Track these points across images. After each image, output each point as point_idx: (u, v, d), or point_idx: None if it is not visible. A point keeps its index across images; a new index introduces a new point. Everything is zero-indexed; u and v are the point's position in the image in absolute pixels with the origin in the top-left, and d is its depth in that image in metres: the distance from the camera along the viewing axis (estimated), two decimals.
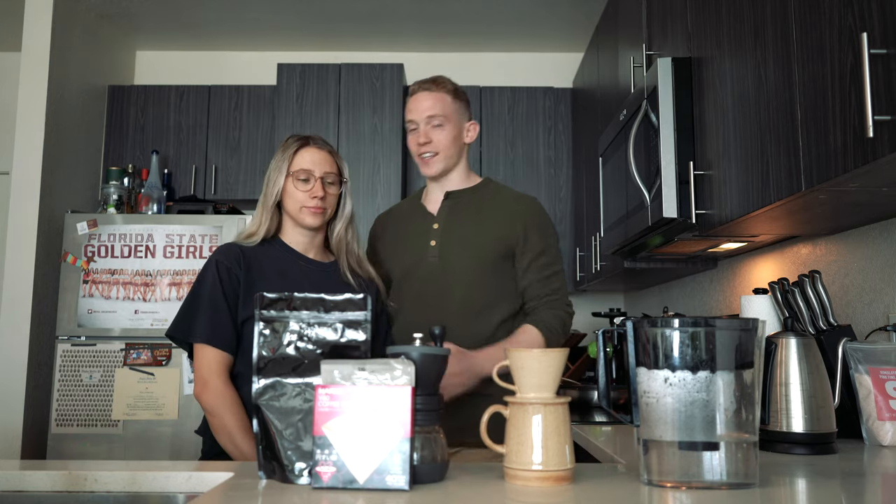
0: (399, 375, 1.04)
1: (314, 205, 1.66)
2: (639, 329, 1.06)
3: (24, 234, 3.22)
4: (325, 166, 1.69)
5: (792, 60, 1.39)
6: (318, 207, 1.67)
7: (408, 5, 3.70)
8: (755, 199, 1.55)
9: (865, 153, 1.13)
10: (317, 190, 1.66)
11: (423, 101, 1.84)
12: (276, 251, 1.70)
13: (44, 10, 3.36)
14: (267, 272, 1.65)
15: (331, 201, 1.70)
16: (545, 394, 1.06)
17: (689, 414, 0.99)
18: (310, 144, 1.71)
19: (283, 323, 1.14)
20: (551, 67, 4.21)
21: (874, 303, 1.74)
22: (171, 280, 3.17)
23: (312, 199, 1.66)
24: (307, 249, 1.73)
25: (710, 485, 0.99)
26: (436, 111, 1.83)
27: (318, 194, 1.66)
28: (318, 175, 1.67)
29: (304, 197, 1.66)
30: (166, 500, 1.16)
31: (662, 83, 1.95)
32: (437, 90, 1.85)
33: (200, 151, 3.84)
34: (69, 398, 3.11)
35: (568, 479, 1.05)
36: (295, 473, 1.08)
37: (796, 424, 1.35)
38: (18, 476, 1.17)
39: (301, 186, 1.66)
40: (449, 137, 1.83)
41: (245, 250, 1.67)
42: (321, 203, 1.67)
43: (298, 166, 1.67)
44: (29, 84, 3.31)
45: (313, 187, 1.66)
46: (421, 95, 1.85)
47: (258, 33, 4.02)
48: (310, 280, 1.67)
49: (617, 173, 2.47)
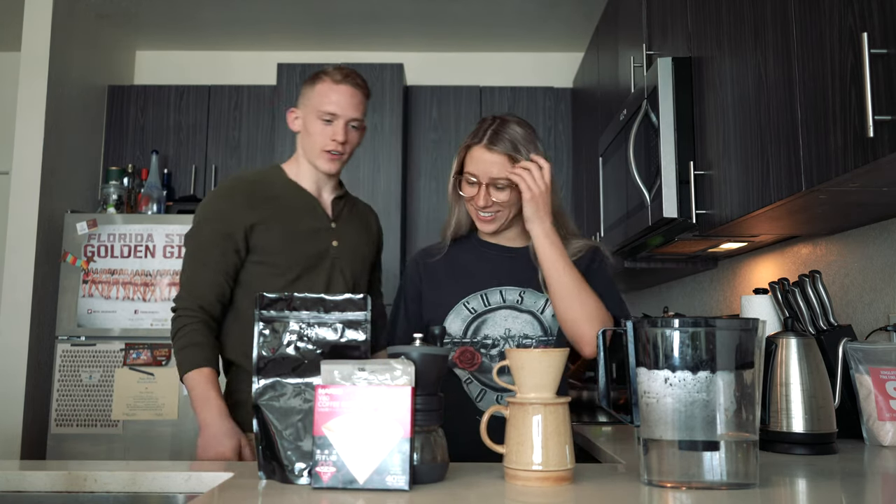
0: (399, 375, 1.04)
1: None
2: (639, 329, 1.05)
3: (23, 234, 3.22)
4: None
5: (792, 60, 1.39)
6: (488, 216, 1.59)
7: (408, 5, 3.70)
8: (755, 199, 1.55)
9: (866, 153, 1.13)
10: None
11: (351, 98, 1.72)
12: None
13: (43, 10, 3.36)
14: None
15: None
16: (545, 394, 1.06)
17: (690, 414, 0.99)
18: (480, 144, 1.59)
19: (282, 323, 1.14)
20: (551, 67, 4.21)
21: (874, 303, 1.74)
22: (171, 280, 3.17)
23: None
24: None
25: (711, 485, 0.99)
26: (360, 114, 1.75)
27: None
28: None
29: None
30: (166, 500, 1.16)
31: (662, 83, 1.95)
32: (362, 91, 1.76)
33: (200, 151, 3.84)
34: (69, 398, 3.10)
35: (568, 479, 1.05)
36: (295, 473, 1.08)
37: (796, 424, 1.35)
38: (18, 476, 1.17)
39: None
40: (358, 140, 1.78)
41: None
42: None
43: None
44: (29, 84, 3.31)
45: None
46: (348, 91, 1.72)
47: (258, 33, 4.02)
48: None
49: (617, 173, 2.47)
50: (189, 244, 1.73)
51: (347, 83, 1.72)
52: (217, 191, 1.78)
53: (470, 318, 1.58)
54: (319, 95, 1.72)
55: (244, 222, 1.70)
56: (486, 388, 1.58)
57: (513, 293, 1.59)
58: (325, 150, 1.72)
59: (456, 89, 3.90)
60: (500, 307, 1.58)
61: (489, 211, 1.56)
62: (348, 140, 1.73)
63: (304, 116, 1.76)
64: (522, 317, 1.58)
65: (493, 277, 1.60)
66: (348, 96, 1.72)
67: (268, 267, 1.70)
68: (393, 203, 3.68)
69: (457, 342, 1.57)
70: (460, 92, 3.89)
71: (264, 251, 1.71)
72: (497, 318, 1.57)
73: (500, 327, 1.57)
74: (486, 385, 1.58)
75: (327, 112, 1.70)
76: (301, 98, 1.79)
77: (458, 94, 3.89)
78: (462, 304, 1.59)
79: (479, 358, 1.57)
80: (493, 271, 1.61)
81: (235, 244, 1.69)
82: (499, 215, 1.57)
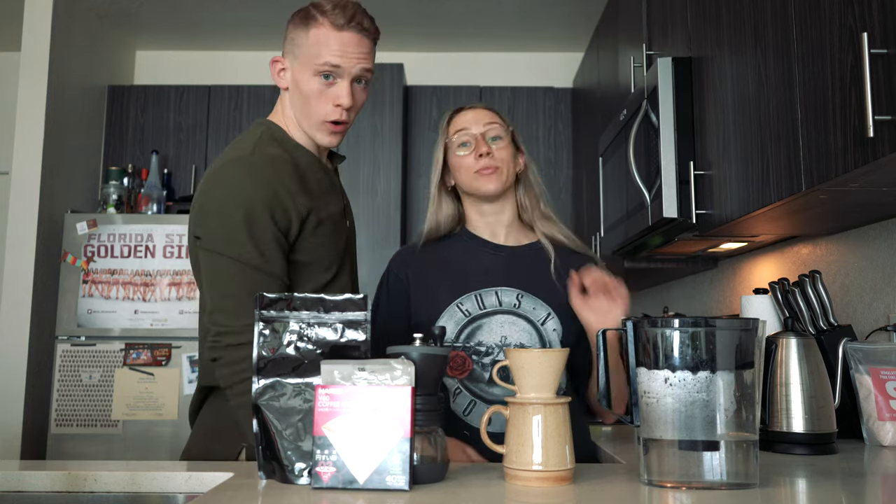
0: (399, 375, 1.04)
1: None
2: (639, 329, 1.05)
3: (23, 234, 3.22)
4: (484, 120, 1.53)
5: (792, 60, 1.39)
6: (489, 167, 1.49)
7: (408, 5, 3.70)
8: (755, 199, 1.55)
9: (866, 153, 1.13)
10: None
11: (358, 47, 1.36)
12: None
13: (43, 10, 3.36)
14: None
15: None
16: (545, 394, 1.06)
17: (690, 414, 0.99)
18: (463, 109, 1.54)
19: (282, 323, 1.14)
20: (551, 67, 4.21)
21: (874, 303, 1.74)
22: (171, 280, 3.17)
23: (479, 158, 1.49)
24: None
25: (711, 485, 0.99)
26: (370, 63, 1.40)
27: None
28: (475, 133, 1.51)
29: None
30: (166, 501, 1.16)
31: (662, 83, 1.95)
32: (370, 36, 1.39)
33: (200, 151, 3.84)
34: (69, 398, 3.10)
35: (568, 480, 1.05)
36: (295, 473, 1.08)
37: (796, 424, 1.35)
38: (18, 476, 1.17)
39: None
40: (365, 100, 1.45)
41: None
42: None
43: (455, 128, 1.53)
44: (29, 84, 3.31)
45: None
46: (355, 38, 1.35)
47: (258, 33, 4.02)
48: None
49: (617, 173, 2.47)
50: (227, 249, 1.26)
51: (352, 28, 1.33)
52: (250, 169, 1.30)
53: (464, 322, 1.46)
54: (316, 44, 1.33)
55: (299, 210, 1.31)
56: (476, 400, 1.44)
57: (509, 295, 1.48)
58: (326, 120, 1.36)
59: (456, 89, 3.90)
60: (496, 311, 1.47)
61: (490, 162, 1.46)
62: (354, 103, 1.36)
63: (295, 70, 1.37)
64: (520, 323, 1.47)
65: (487, 277, 1.49)
66: (354, 45, 1.33)
67: (311, 267, 1.38)
68: (393, 203, 3.68)
69: (447, 346, 1.43)
70: (460, 92, 3.89)
71: (306, 250, 1.36)
72: (493, 323, 1.46)
73: (496, 334, 1.45)
74: (478, 396, 1.45)
75: (328, 64, 1.32)
76: (288, 44, 1.38)
77: (458, 94, 3.89)
78: (455, 306, 1.47)
79: (471, 364, 1.45)
80: (488, 270, 1.50)
81: (290, 240, 1.31)
82: (499, 171, 1.47)
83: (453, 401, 1.46)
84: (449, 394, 1.46)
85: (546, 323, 1.48)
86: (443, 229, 1.56)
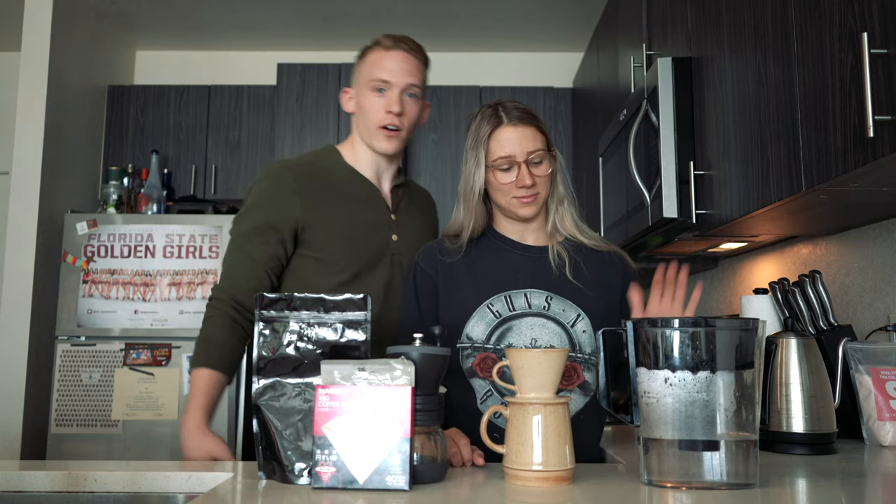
0: (399, 375, 1.04)
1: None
2: (639, 329, 1.05)
3: (23, 234, 3.22)
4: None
5: (792, 60, 1.39)
6: (530, 195, 1.47)
7: (408, 5, 3.70)
8: (755, 199, 1.55)
9: (866, 153, 1.13)
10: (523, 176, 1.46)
11: (404, 63, 1.61)
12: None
13: (43, 10, 3.35)
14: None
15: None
16: (545, 394, 1.06)
17: (690, 414, 0.99)
18: (504, 124, 1.48)
19: (282, 323, 1.14)
20: (551, 67, 4.21)
21: (874, 303, 1.74)
22: (171, 280, 3.17)
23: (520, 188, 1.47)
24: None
25: (711, 485, 0.99)
26: (417, 80, 1.62)
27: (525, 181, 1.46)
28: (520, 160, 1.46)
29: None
30: (166, 501, 1.16)
31: (662, 83, 1.95)
32: (416, 56, 1.63)
33: (200, 151, 3.84)
34: (69, 398, 3.10)
35: (568, 480, 1.05)
36: (295, 473, 1.08)
37: (796, 424, 1.35)
38: (18, 476, 1.17)
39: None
40: (417, 112, 1.65)
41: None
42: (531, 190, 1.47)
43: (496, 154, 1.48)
44: (29, 84, 3.31)
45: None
46: (401, 56, 1.61)
47: (258, 33, 4.02)
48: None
49: (617, 173, 2.47)
50: (233, 230, 1.62)
51: (400, 49, 1.60)
52: (267, 174, 1.63)
53: (495, 323, 1.45)
54: (370, 66, 1.60)
55: (295, 213, 1.57)
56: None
57: (538, 297, 1.47)
58: (380, 125, 1.59)
59: (456, 89, 3.90)
60: (525, 313, 1.46)
61: (532, 191, 1.46)
62: (405, 112, 1.59)
63: (357, 93, 1.64)
64: (550, 326, 1.45)
65: (516, 278, 1.49)
66: (401, 61, 1.59)
67: (324, 265, 1.58)
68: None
69: (478, 347, 1.44)
70: (460, 92, 3.89)
71: (319, 247, 1.58)
72: (523, 325, 1.45)
73: (526, 336, 1.45)
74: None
75: (379, 80, 1.58)
76: (353, 75, 1.67)
77: (458, 94, 3.88)
78: (486, 307, 1.46)
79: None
80: (517, 272, 1.49)
81: (281, 236, 1.56)
82: (538, 196, 1.47)
83: (481, 402, 1.44)
84: (476, 395, 1.44)
85: (576, 325, 1.47)
86: (476, 234, 1.55)
